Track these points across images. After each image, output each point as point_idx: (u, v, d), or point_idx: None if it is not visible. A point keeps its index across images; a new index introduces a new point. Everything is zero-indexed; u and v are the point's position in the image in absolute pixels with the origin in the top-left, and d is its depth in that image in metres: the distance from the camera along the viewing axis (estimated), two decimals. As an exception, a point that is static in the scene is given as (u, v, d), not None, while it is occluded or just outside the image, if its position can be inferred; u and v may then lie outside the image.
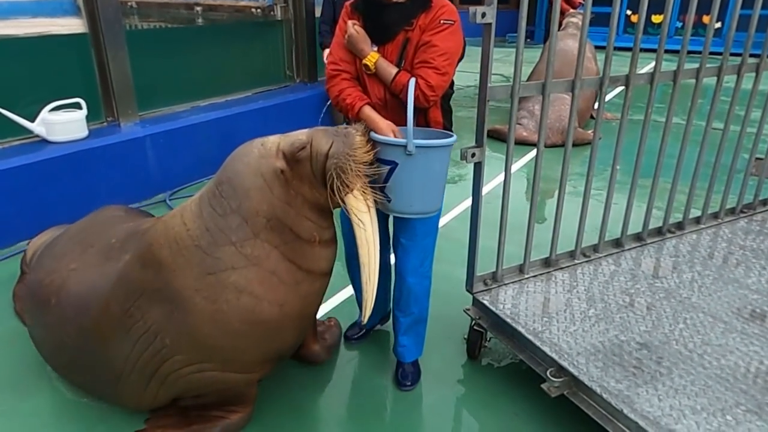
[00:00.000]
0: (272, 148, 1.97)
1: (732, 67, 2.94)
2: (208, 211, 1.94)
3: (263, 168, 1.93)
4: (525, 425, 2.37)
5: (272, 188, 1.93)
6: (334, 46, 2.31)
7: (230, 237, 1.91)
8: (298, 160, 1.96)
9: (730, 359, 2.18)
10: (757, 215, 3.56)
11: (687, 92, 2.97)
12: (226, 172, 1.96)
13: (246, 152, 1.98)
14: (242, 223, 1.91)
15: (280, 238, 1.96)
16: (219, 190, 1.95)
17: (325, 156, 1.96)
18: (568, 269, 2.89)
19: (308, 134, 2.01)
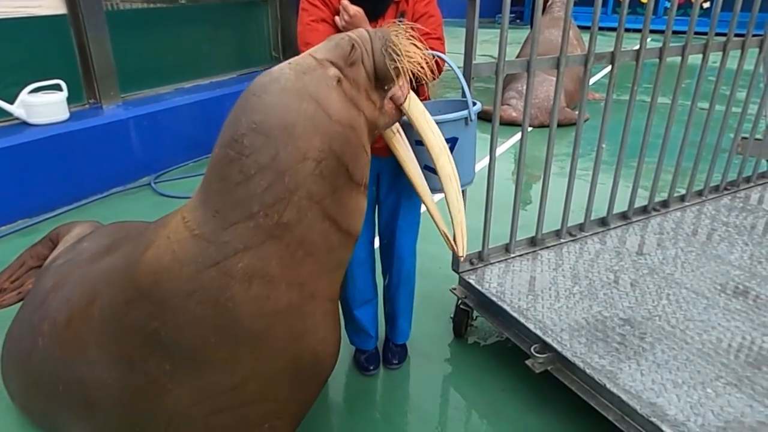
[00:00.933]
0: (309, 61, 1.50)
1: (717, 45, 2.94)
2: (217, 187, 1.44)
3: (311, 85, 1.44)
4: (510, 400, 2.40)
5: (329, 109, 1.45)
6: (309, 34, 2.02)
7: (251, 207, 1.41)
8: (353, 63, 1.54)
9: (712, 334, 2.21)
10: (740, 192, 3.59)
11: (673, 72, 2.97)
12: (248, 114, 1.43)
13: (273, 78, 1.46)
14: (276, 180, 1.41)
15: (329, 186, 1.48)
16: (237, 148, 1.42)
17: (369, 42, 1.59)
18: (554, 248, 2.90)
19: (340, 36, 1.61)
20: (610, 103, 2.76)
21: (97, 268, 1.80)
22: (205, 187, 1.51)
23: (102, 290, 1.64)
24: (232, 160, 1.42)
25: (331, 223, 1.53)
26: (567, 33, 2.44)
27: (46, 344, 1.80)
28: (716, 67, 3.13)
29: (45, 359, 1.81)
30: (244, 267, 1.43)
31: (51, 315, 1.83)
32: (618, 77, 2.71)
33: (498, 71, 2.32)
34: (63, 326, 1.73)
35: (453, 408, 2.45)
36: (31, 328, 1.92)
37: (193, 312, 1.44)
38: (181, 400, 1.54)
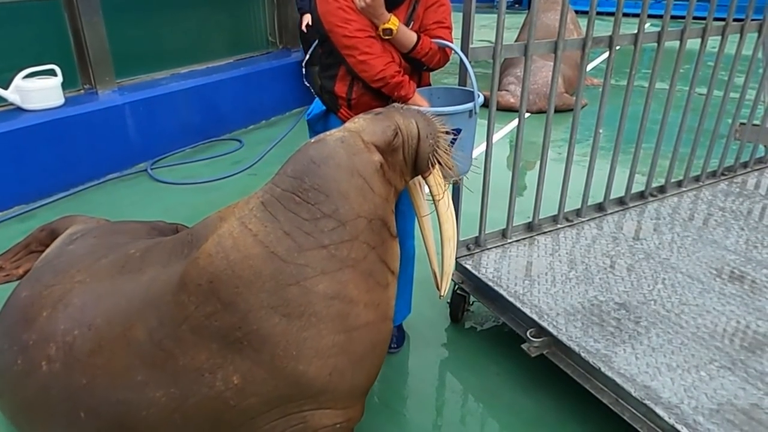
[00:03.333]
0: (357, 142, 1.73)
1: (716, 29, 2.93)
2: (287, 216, 1.62)
3: (360, 166, 1.69)
4: (506, 384, 2.42)
5: (373, 186, 1.71)
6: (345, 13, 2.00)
7: (322, 240, 1.61)
8: (394, 149, 1.79)
9: (707, 318, 2.23)
10: (737, 178, 3.59)
11: (672, 57, 2.95)
12: (311, 177, 1.65)
13: (329, 153, 1.69)
14: (339, 227, 1.64)
15: (379, 238, 1.73)
16: (303, 197, 1.64)
17: (417, 138, 1.82)
18: (550, 233, 2.91)
19: (389, 118, 1.81)
20: (607, 88, 2.75)
21: (121, 291, 1.74)
22: (274, 206, 1.65)
23: (146, 315, 1.64)
24: (299, 203, 1.64)
25: (384, 264, 1.78)
26: (565, 17, 2.42)
27: (57, 371, 1.69)
28: (715, 52, 3.11)
29: (55, 386, 1.69)
30: (323, 289, 1.60)
31: (58, 339, 1.72)
32: (616, 62, 2.70)
33: (495, 55, 2.31)
34: (87, 354, 1.66)
35: (450, 392, 2.47)
36: (21, 347, 1.78)
37: (278, 325, 1.57)
38: (246, 413, 1.63)
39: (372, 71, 2.01)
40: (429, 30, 2.10)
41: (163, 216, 3.88)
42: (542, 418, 2.25)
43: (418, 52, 2.09)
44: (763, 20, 3.10)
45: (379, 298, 1.74)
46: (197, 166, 4.83)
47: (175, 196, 4.25)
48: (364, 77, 2.04)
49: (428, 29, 2.10)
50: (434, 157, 1.84)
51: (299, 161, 1.71)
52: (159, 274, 1.72)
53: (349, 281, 1.64)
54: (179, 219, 3.86)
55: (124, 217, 3.87)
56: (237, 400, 1.59)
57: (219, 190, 4.32)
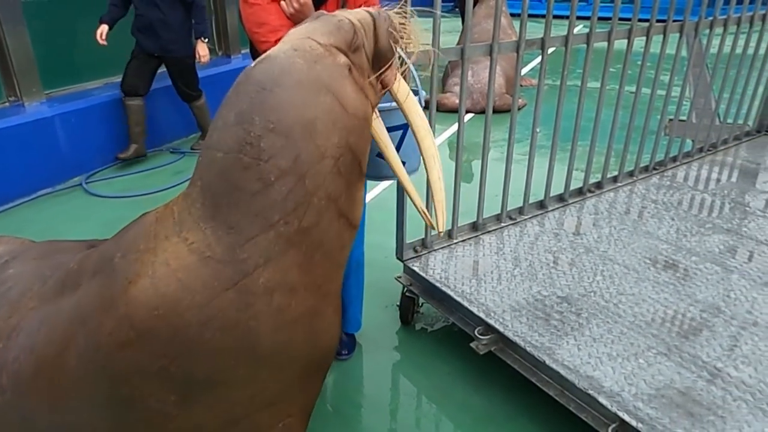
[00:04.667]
0: (315, 47, 1.35)
1: (641, 30, 3.07)
2: (229, 200, 1.31)
3: (325, 76, 1.31)
4: (457, 382, 2.45)
5: (344, 101, 1.35)
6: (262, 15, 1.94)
7: (272, 217, 1.30)
8: (357, 48, 1.42)
9: (643, 307, 2.33)
10: (668, 171, 3.78)
11: (604, 58, 3.07)
12: (263, 113, 1.27)
13: (284, 69, 1.30)
14: (297, 184, 1.30)
15: (345, 183, 1.40)
16: (253, 152, 1.27)
17: (372, 27, 1.47)
18: (495, 232, 2.97)
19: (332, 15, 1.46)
20: (542, 88, 2.83)
21: (60, 310, 1.56)
22: (209, 201, 1.34)
23: (76, 334, 1.46)
24: (247, 166, 1.27)
25: (344, 220, 1.46)
26: (498, 21, 2.48)
27: (9, 399, 1.58)
28: (642, 52, 3.26)
29: (11, 412, 1.60)
30: (265, 281, 1.33)
31: (8, 367, 1.59)
32: (553, 63, 2.78)
33: (432, 59, 2.33)
34: (30, 377, 1.54)
35: (403, 394, 2.48)
36: None
37: (210, 340, 1.33)
38: (190, 420, 1.45)
39: None
40: None
41: (102, 231, 3.72)
42: (493, 414, 2.29)
43: None
44: (683, 21, 3.27)
45: (324, 276, 1.46)
46: (136, 178, 4.66)
47: (113, 211, 4.08)
48: None
49: None
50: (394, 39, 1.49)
51: (243, 95, 1.30)
52: (89, 287, 1.53)
53: (292, 265, 1.36)
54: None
55: (59, 234, 3.70)
56: (179, 411, 1.43)
57: (161, 203, 4.15)
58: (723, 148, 4.16)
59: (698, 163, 3.93)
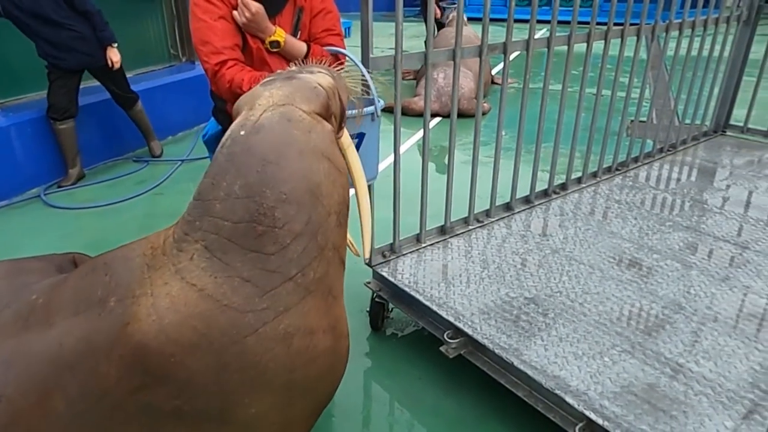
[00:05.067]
0: (302, 115, 1.40)
1: (599, 33, 3.14)
2: (246, 259, 1.33)
3: (321, 144, 1.38)
4: (428, 387, 2.45)
5: (337, 162, 1.44)
6: (207, 33, 1.94)
7: (289, 272, 1.36)
8: (331, 113, 1.51)
9: (607, 305, 2.37)
10: (630, 171, 3.86)
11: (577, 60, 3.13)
12: (274, 186, 1.31)
13: (283, 140, 1.34)
14: (310, 242, 1.37)
15: (343, 232, 1.50)
16: (268, 222, 1.31)
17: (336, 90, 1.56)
18: (463, 235, 2.98)
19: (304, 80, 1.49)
20: (505, 90, 2.86)
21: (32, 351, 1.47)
22: (219, 256, 1.34)
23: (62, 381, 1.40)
24: (262, 233, 1.32)
25: (342, 263, 1.57)
26: (460, 27, 2.50)
27: None
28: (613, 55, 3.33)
29: None
30: (285, 327, 1.38)
31: None
32: (519, 66, 2.82)
33: (396, 64, 2.34)
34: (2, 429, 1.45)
35: (375, 401, 2.46)
36: None
37: (228, 381, 1.35)
38: None
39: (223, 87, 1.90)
40: (319, 38, 2.10)
41: (61, 244, 3.61)
42: (464, 417, 2.29)
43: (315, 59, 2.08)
44: (639, 25, 3.36)
45: (336, 315, 1.55)
46: (98, 188, 4.53)
47: (74, 222, 3.97)
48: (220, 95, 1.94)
49: (318, 38, 2.10)
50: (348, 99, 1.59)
51: (246, 168, 1.31)
52: (71, 328, 1.45)
53: (310, 309, 1.42)
54: (79, 246, 3.61)
55: (17, 248, 3.57)
56: None
57: (124, 213, 4.08)
58: (682, 148, 4.28)
59: (659, 163, 4.03)
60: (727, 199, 3.42)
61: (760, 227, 3.04)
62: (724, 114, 4.62)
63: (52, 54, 4.22)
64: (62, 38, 4.19)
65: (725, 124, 4.66)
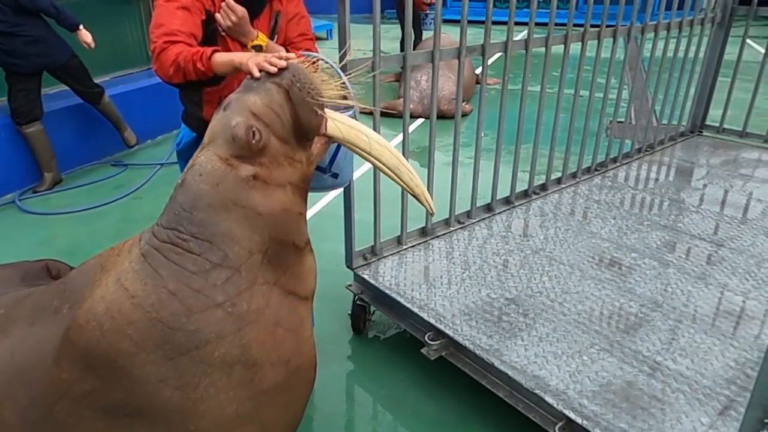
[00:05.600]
0: (216, 165, 1.44)
1: (576, 35, 3.17)
2: (171, 270, 1.40)
3: (229, 194, 1.43)
4: (410, 389, 2.44)
5: (257, 207, 1.45)
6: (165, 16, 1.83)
7: (216, 298, 1.40)
8: (265, 147, 1.47)
9: (586, 304, 2.39)
10: (609, 172, 3.91)
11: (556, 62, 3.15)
12: (187, 226, 1.42)
13: (195, 195, 1.43)
14: (233, 275, 1.42)
15: (280, 267, 1.52)
16: (186, 246, 1.41)
17: (286, 99, 1.49)
18: (444, 237, 2.99)
19: (237, 110, 1.47)
20: (483, 92, 2.88)
21: None
22: (154, 259, 1.42)
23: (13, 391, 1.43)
24: (182, 253, 1.42)
25: (294, 297, 1.56)
26: (438, 29, 2.50)
27: None
28: (590, 57, 3.37)
29: None
30: (221, 356, 1.39)
31: None
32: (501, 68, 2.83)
33: (374, 67, 2.34)
34: None
35: (357, 404, 2.45)
36: None
37: (170, 399, 1.37)
38: None
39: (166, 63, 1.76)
40: (294, 43, 2.09)
41: (36, 251, 3.55)
42: (445, 419, 2.29)
43: None
44: (615, 26, 3.40)
45: (291, 348, 1.53)
46: (74, 193, 4.45)
47: (50, 228, 3.89)
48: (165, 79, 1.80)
49: (293, 42, 2.09)
50: (315, 102, 1.51)
51: (171, 210, 1.47)
52: (25, 337, 1.49)
53: (251, 341, 1.43)
54: (55, 252, 3.55)
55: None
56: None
57: (101, 218, 4.01)
58: (660, 149, 4.34)
59: (637, 163, 4.08)
60: (703, 198, 3.47)
61: (735, 225, 3.09)
62: (700, 114, 4.70)
63: (7, 61, 4.10)
64: (15, 45, 4.05)
65: (701, 125, 4.74)
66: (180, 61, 1.75)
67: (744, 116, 4.54)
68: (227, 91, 1.99)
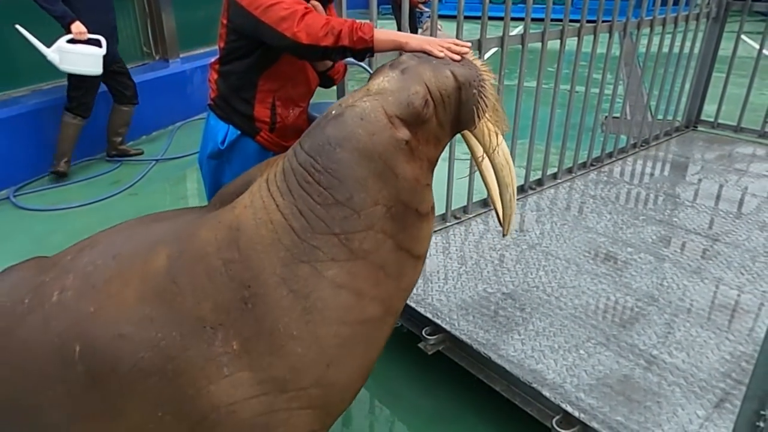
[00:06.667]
0: (379, 117, 1.52)
1: (573, 30, 3.17)
2: (299, 193, 1.52)
3: (379, 147, 1.51)
4: (408, 385, 2.45)
5: (396, 169, 1.53)
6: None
7: (332, 228, 1.51)
8: (425, 121, 1.56)
9: (583, 299, 2.40)
10: (604, 167, 3.92)
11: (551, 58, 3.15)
12: (324, 159, 1.51)
13: (346, 134, 1.51)
14: (352, 215, 1.51)
15: (400, 225, 1.59)
16: (317, 177, 1.51)
17: (456, 93, 1.58)
18: (440, 232, 2.99)
19: (417, 80, 1.54)
20: (481, 88, 2.87)
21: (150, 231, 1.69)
22: (288, 178, 1.54)
23: (170, 246, 1.58)
24: (311, 183, 1.51)
25: (405, 253, 1.63)
26: (435, 24, 2.50)
27: (67, 299, 1.58)
28: (587, 52, 3.37)
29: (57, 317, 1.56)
30: (332, 275, 1.51)
31: (78, 270, 1.62)
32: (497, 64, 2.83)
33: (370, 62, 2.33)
34: (104, 281, 1.57)
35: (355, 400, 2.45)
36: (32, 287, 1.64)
37: (284, 298, 1.47)
38: (235, 392, 1.48)
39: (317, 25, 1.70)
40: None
41: (32, 248, 3.53)
42: (442, 413, 2.30)
43: (337, 70, 2.10)
44: (611, 21, 3.41)
45: (388, 293, 1.63)
46: (71, 189, 4.43)
47: (46, 224, 3.88)
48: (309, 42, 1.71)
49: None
50: (481, 107, 1.61)
51: (315, 138, 1.54)
52: (192, 217, 1.69)
53: (358, 273, 1.54)
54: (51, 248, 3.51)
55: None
56: (231, 369, 1.47)
57: (98, 214, 4.00)
58: (655, 144, 4.36)
59: (633, 158, 4.10)
60: (698, 192, 3.49)
61: (730, 220, 3.11)
62: (695, 109, 4.72)
63: None
64: None
65: (696, 120, 4.76)
66: (334, 25, 1.71)
67: (738, 111, 4.55)
68: (283, 93, 1.99)
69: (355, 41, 1.72)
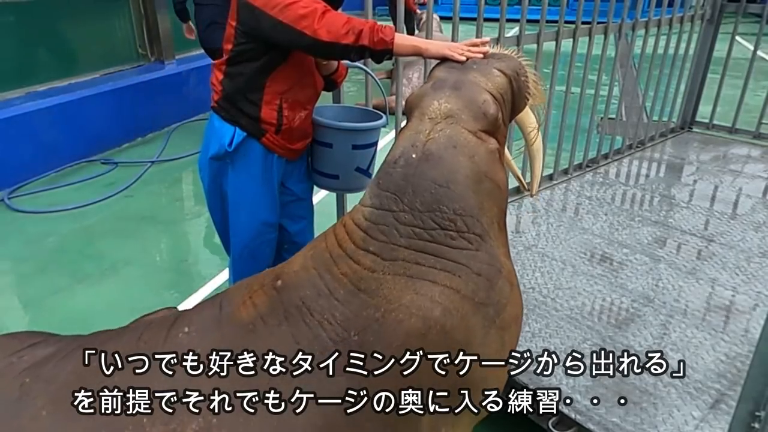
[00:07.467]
0: (468, 138, 1.50)
1: (568, 32, 3.18)
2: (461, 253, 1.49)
3: (483, 166, 1.50)
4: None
5: (499, 182, 1.56)
6: None
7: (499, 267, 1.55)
8: (499, 124, 1.58)
9: (579, 300, 2.40)
10: (600, 168, 3.93)
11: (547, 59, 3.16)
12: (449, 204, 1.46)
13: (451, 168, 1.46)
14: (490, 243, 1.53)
15: (503, 233, 1.63)
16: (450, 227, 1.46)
17: (509, 85, 1.60)
18: (437, 233, 2.98)
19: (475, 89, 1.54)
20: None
21: None
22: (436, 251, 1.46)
23: None
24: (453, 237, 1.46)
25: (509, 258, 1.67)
26: (431, 26, 2.50)
27: None
28: (582, 53, 3.38)
29: None
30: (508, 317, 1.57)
31: None
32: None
33: (365, 62, 2.33)
34: None
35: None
36: None
37: None
38: None
39: (338, 23, 1.69)
40: None
41: (27, 250, 3.52)
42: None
43: (340, 74, 2.12)
44: (607, 23, 3.41)
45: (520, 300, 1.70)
46: (65, 191, 4.41)
47: (39, 226, 3.85)
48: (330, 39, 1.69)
49: None
50: (530, 90, 1.66)
51: (421, 189, 1.46)
52: None
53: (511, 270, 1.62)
54: (45, 250, 3.52)
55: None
56: None
57: (92, 216, 3.98)
58: (650, 145, 4.37)
59: (628, 159, 4.10)
60: (693, 193, 3.50)
61: (725, 221, 3.12)
62: (690, 111, 4.73)
63: None
64: None
65: (691, 121, 4.77)
66: (356, 24, 1.70)
67: (733, 112, 4.57)
68: (290, 95, 1.98)
69: (375, 42, 1.71)
